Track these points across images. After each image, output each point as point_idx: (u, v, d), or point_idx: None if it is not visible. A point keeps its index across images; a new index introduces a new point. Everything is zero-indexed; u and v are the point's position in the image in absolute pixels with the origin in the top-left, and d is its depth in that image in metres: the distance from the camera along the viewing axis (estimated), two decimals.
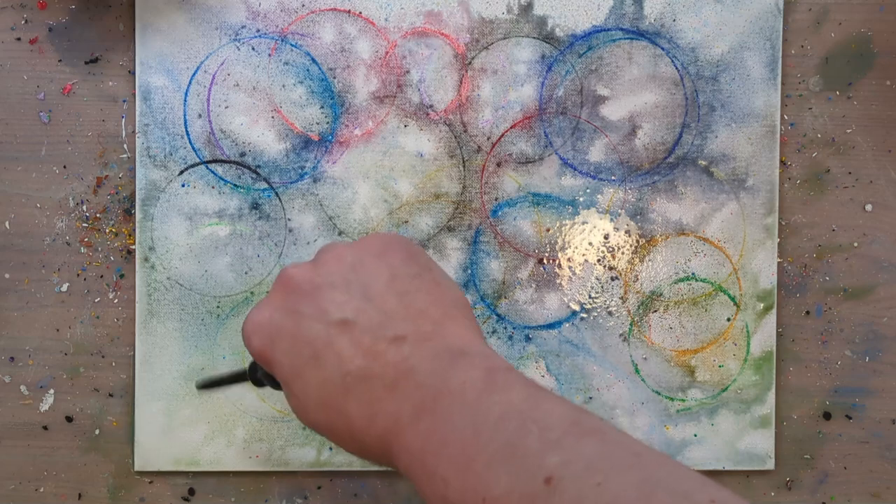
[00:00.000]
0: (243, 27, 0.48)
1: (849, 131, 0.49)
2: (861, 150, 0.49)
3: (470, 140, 0.48)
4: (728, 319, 0.48)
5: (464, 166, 0.48)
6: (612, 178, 0.48)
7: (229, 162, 0.48)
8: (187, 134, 0.48)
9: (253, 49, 0.48)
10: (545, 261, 0.48)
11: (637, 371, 0.48)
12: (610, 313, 0.48)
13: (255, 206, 0.48)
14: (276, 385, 0.40)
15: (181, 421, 0.48)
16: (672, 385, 0.48)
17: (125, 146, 0.48)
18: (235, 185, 0.48)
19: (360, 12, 0.48)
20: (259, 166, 0.48)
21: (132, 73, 0.48)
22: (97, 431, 0.48)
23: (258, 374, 0.40)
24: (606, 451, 0.30)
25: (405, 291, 0.36)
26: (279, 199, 0.48)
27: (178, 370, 0.48)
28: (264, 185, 0.48)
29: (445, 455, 0.32)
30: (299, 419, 0.37)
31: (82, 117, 0.48)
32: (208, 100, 0.48)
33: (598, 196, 0.48)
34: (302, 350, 0.36)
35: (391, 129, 0.48)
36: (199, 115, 0.48)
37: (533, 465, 0.30)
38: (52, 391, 0.48)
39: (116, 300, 0.48)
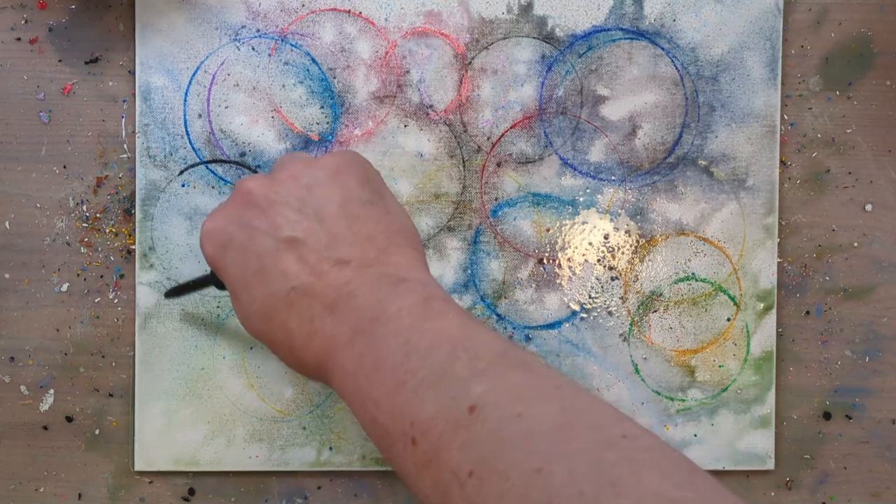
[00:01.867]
0: (243, 27, 0.48)
1: (849, 131, 0.49)
2: (861, 150, 0.49)
3: (470, 140, 0.48)
4: (728, 319, 0.48)
5: (464, 166, 0.48)
6: (612, 178, 0.48)
7: (229, 162, 0.48)
8: (187, 134, 0.48)
9: (253, 49, 0.48)
10: (545, 261, 0.48)
11: (637, 371, 0.48)
12: (610, 313, 0.48)
13: None
14: None
15: (181, 421, 0.48)
16: (672, 385, 0.48)
17: (125, 146, 0.48)
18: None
19: (360, 12, 0.48)
20: (259, 166, 0.48)
21: (132, 73, 0.48)
22: (97, 431, 0.48)
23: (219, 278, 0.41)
24: (530, 382, 0.31)
25: (355, 216, 0.37)
26: None
27: (178, 370, 0.48)
28: None
29: (377, 378, 0.33)
30: (243, 326, 0.38)
31: (82, 117, 0.48)
32: (208, 100, 0.48)
33: (598, 196, 0.48)
34: (250, 262, 0.37)
35: (391, 129, 0.48)
36: (199, 115, 0.48)
37: (459, 391, 0.30)
38: (52, 391, 0.48)
39: (116, 300, 0.48)
